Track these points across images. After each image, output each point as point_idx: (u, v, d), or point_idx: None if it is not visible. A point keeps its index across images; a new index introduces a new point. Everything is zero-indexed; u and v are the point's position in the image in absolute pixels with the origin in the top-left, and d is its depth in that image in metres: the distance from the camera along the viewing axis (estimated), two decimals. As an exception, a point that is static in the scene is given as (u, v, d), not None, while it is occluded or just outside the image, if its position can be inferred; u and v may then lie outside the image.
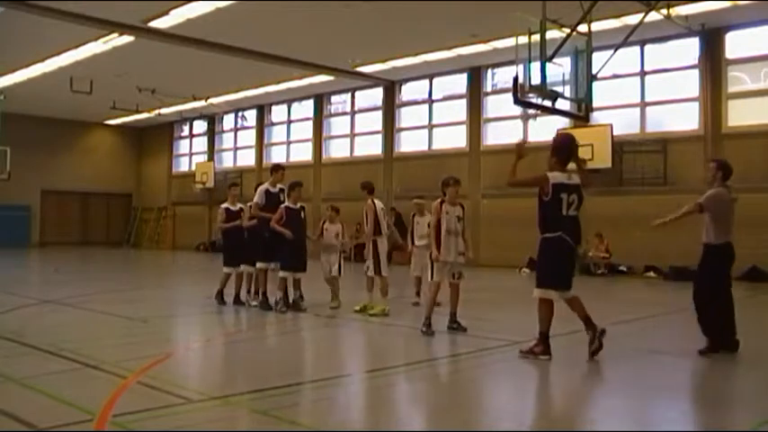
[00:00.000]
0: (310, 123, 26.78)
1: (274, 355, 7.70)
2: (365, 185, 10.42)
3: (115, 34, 18.09)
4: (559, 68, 11.01)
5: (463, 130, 21.85)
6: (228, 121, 30.86)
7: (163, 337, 8.44)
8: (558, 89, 11.10)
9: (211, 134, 31.45)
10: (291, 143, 27.73)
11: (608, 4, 11.54)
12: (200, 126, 32.13)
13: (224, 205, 11.12)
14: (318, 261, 10.66)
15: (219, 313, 10.53)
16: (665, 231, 16.88)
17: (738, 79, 16.91)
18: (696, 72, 17.32)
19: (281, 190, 10.54)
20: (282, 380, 6.11)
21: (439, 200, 8.38)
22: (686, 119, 17.45)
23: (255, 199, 10.45)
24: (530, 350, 6.90)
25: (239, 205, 11.13)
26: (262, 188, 10.52)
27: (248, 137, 29.74)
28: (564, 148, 7.02)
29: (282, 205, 10.10)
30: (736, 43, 16.84)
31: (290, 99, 27.23)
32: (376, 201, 10.33)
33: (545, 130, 19.57)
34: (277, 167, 10.86)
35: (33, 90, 24.29)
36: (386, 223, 10.50)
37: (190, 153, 33.07)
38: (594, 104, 12.49)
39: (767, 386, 6.22)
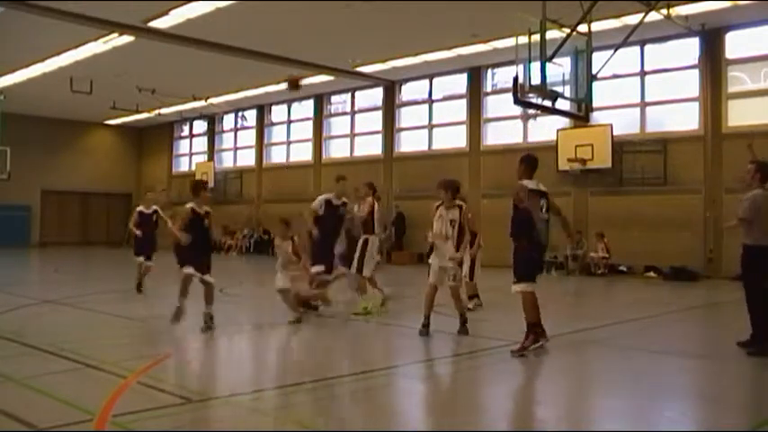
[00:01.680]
0: (310, 123, 26.78)
1: (274, 355, 7.71)
2: (371, 185, 10.22)
3: (115, 34, 18.08)
4: (559, 68, 11.00)
5: (463, 130, 21.84)
6: (228, 121, 30.85)
7: (163, 337, 8.43)
8: (558, 89, 11.09)
9: (211, 134, 31.45)
10: (291, 143, 27.72)
11: (608, 4, 11.54)
12: (201, 126, 32.13)
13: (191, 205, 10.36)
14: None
15: (219, 312, 10.52)
16: (665, 231, 16.99)
17: (738, 79, 16.90)
18: (696, 72, 17.31)
19: (344, 204, 9.89)
20: (282, 380, 6.11)
21: (439, 202, 8.38)
22: (686, 119, 17.44)
23: (313, 205, 9.84)
24: (522, 347, 6.93)
25: (154, 207, 11.85)
26: (322, 198, 9.86)
27: (248, 137, 29.73)
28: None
29: (323, 198, 9.75)
30: (736, 43, 16.83)
31: (290, 99, 27.21)
32: (376, 202, 10.19)
33: (544, 130, 19.63)
34: (340, 178, 9.98)
35: (33, 90, 24.27)
36: (383, 225, 10.42)
37: (190, 153, 33.07)
38: (594, 104, 12.49)
39: (767, 386, 6.22)
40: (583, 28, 11.30)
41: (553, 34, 10.71)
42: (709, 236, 16.51)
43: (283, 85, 24.24)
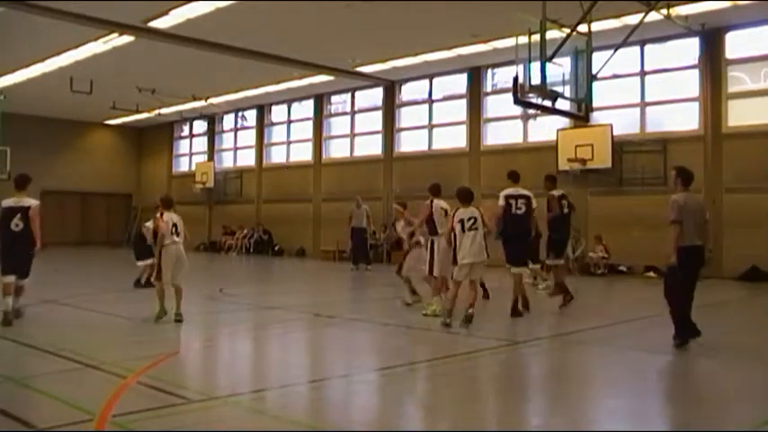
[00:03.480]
0: (310, 123, 26.76)
1: (274, 355, 7.71)
2: (432, 188, 10.41)
3: (115, 34, 18.06)
4: (559, 68, 10.99)
5: (463, 130, 21.82)
6: (228, 121, 30.83)
7: (163, 336, 8.43)
8: (558, 89, 11.09)
9: (211, 134, 31.44)
10: (291, 143, 27.70)
11: (608, 4, 11.53)
12: (201, 126, 32.11)
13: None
14: None
15: (219, 313, 10.54)
16: (665, 231, 16.96)
17: (738, 79, 16.89)
18: (696, 72, 17.29)
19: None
20: (282, 380, 6.11)
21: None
22: (686, 119, 17.42)
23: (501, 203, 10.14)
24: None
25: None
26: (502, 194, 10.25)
27: (248, 137, 29.71)
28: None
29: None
30: (736, 43, 16.81)
31: (290, 99, 27.21)
32: (438, 201, 10.10)
33: (544, 130, 19.63)
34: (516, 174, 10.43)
35: (33, 90, 24.26)
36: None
37: (190, 153, 33.04)
38: (594, 104, 12.47)
39: (767, 386, 6.22)
40: (583, 28, 11.29)
41: (553, 34, 10.70)
42: (709, 236, 16.49)
43: (284, 85, 24.35)
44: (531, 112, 18.20)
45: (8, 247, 8.74)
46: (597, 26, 12.02)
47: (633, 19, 13.86)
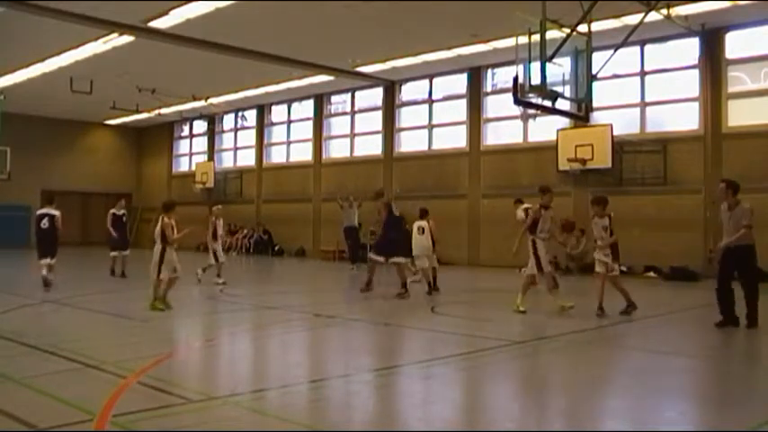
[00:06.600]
0: (310, 123, 26.77)
1: (274, 355, 7.70)
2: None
3: (115, 34, 18.07)
4: (559, 68, 10.99)
5: (463, 130, 21.83)
6: (228, 121, 30.85)
7: (163, 337, 8.44)
8: (558, 89, 11.08)
9: (211, 134, 31.44)
10: (291, 143, 27.71)
11: (608, 4, 11.53)
12: (201, 126, 32.12)
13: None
14: None
15: (219, 313, 10.54)
16: (664, 231, 16.97)
17: (738, 79, 16.89)
18: (696, 72, 17.30)
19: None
20: (282, 380, 6.11)
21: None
22: (686, 119, 17.43)
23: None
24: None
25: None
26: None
27: (248, 137, 29.73)
28: None
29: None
30: (736, 43, 16.82)
31: (290, 99, 27.22)
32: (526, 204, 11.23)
33: (544, 130, 19.63)
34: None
35: (33, 90, 24.27)
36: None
37: (190, 153, 33.06)
38: (594, 104, 12.48)
39: (767, 386, 6.22)
40: (583, 28, 11.28)
41: (553, 34, 10.69)
42: (709, 236, 16.49)
43: (284, 85, 24.35)
44: (531, 112, 18.20)
45: (39, 239, 12.91)
46: (597, 26, 12.02)
47: (633, 19, 13.86)
